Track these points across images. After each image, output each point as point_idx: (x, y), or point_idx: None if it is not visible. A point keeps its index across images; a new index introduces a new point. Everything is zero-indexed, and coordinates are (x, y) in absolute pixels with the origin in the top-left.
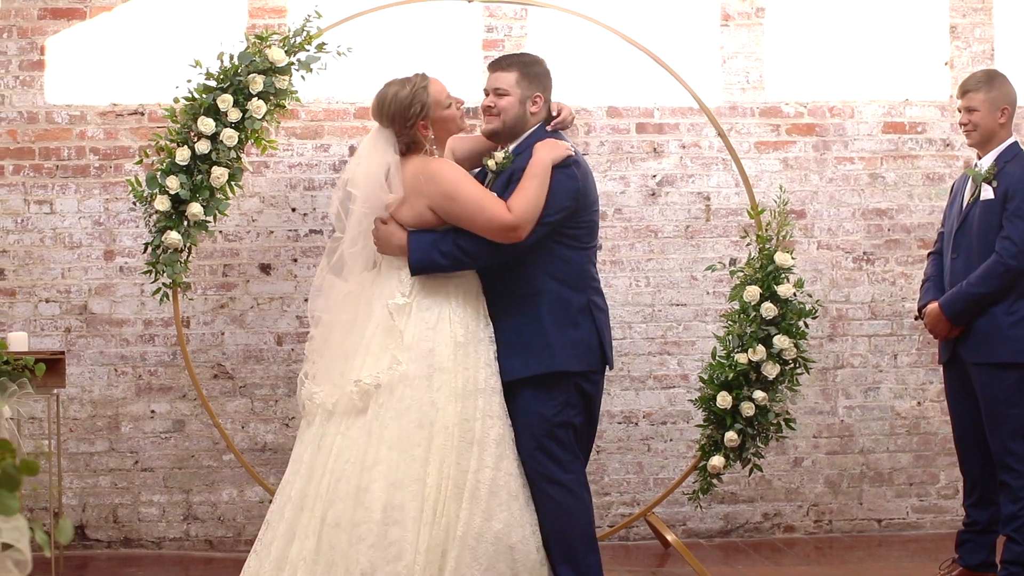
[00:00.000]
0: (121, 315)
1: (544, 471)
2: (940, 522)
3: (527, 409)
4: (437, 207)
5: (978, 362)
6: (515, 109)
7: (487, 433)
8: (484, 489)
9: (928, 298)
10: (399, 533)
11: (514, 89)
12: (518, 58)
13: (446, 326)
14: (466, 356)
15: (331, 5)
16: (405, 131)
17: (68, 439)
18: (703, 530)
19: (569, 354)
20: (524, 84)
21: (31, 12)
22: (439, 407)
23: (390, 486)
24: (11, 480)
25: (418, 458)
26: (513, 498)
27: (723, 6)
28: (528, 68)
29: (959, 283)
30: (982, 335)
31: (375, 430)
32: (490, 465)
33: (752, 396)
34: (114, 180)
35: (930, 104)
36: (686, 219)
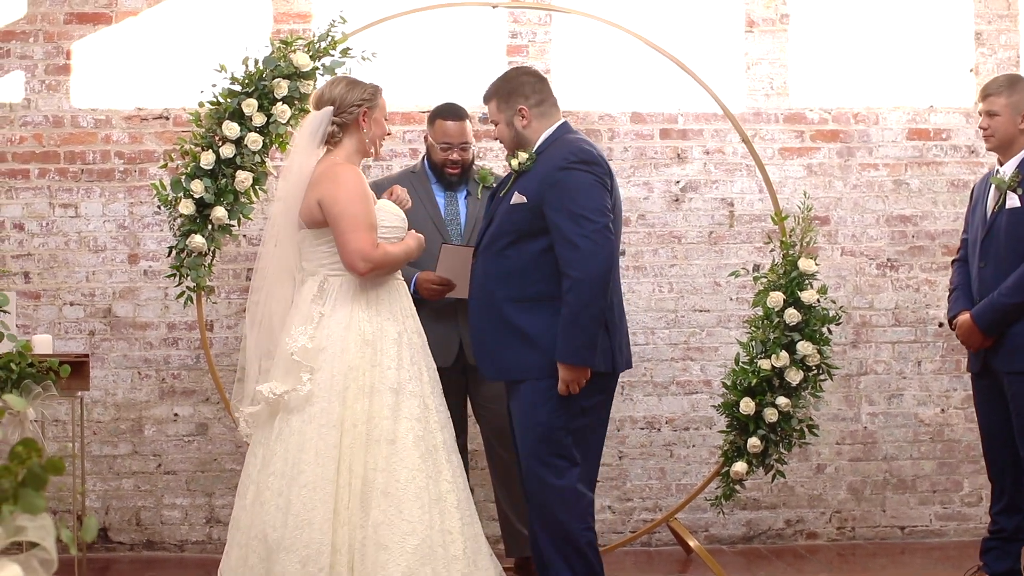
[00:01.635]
0: (145, 318)
1: (538, 474)
2: (963, 530)
3: (523, 410)
4: (324, 204)
5: (1011, 371)
6: (507, 132)
7: (404, 434)
8: (395, 487)
9: (959, 308)
10: (310, 536)
11: (497, 116)
12: (494, 86)
13: (356, 325)
14: (375, 354)
15: (356, 10)
16: (345, 112)
17: (91, 442)
18: (725, 536)
19: None
20: (503, 107)
21: (57, 17)
22: (348, 404)
23: (303, 488)
24: (37, 479)
25: (331, 458)
26: (417, 498)
27: (748, 12)
28: (501, 90)
29: (990, 293)
30: (1014, 344)
31: (289, 437)
32: (408, 466)
33: (775, 402)
34: (139, 184)
35: (955, 111)
36: (710, 225)
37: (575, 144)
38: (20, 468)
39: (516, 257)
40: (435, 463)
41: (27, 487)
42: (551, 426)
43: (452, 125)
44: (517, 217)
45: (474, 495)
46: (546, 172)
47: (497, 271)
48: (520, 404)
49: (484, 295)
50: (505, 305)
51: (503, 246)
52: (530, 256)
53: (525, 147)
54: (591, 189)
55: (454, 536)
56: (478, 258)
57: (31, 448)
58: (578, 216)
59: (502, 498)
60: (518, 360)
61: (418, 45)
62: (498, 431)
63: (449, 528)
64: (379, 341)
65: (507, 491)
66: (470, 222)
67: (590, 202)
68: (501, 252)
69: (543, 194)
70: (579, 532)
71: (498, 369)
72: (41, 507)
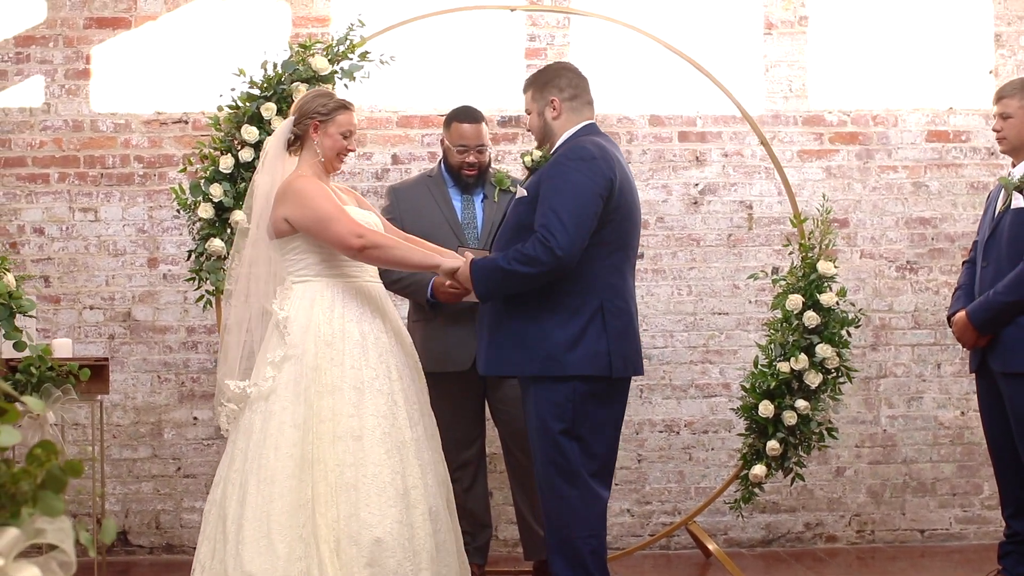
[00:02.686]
0: (164, 322)
1: (548, 478)
2: (983, 533)
3: (532, 411)
4: (292, 219)
5: (1005, 371)
6: (538, 123)
7: (371, 430)
8: (363, 482)
9: (958, 306)
10: (268, 527)
11: (531, 106)
12: (533, 75)
13: (313, 328)
14: (336, 354)
15: (374, 14)
16: (300, 123)
17: (111, 445)
18: (744, 539)
19: (567, 358)
20: (537, 96)
21: (77, 21)
22: (311, 404)
23: (261, 482)
24: (57, 481)
25: (291, 455)
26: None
27: (766, 15)
28: (537, 80)
29: (987, 292)
30: (1009, 344)
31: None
32: (373, 460)
33: (794, 405)
34: (158, 188)
35: (974, 113)
36: (728, 228)
37: (579, 142)
38: (39, 470)
39: None
40: (402, 459)
41: (46, 489)
42: (566, 435)
43: (468, 128)
44: (521, 211)
45: (492, 498)
46: (546, 167)
47: None
48: (525, 403)
49: None
50: (508, 299)
51: (508, 239)
52: None
53: (551, 140)
54: (574, 187)
55: (417, 530)
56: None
57: (50, 450)
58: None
59: (520, 501)
60: (520, 356)
61: (436, 48)
62: (515, 434)
63: (414, 522)
64: (339, 342)
65: (525, 494)
66: (487, 225)
67: (571, 201)
68: (508, 245)
69: (540, 187)
70: (582, 540)
71: (493, 364)
72: (60, 509)
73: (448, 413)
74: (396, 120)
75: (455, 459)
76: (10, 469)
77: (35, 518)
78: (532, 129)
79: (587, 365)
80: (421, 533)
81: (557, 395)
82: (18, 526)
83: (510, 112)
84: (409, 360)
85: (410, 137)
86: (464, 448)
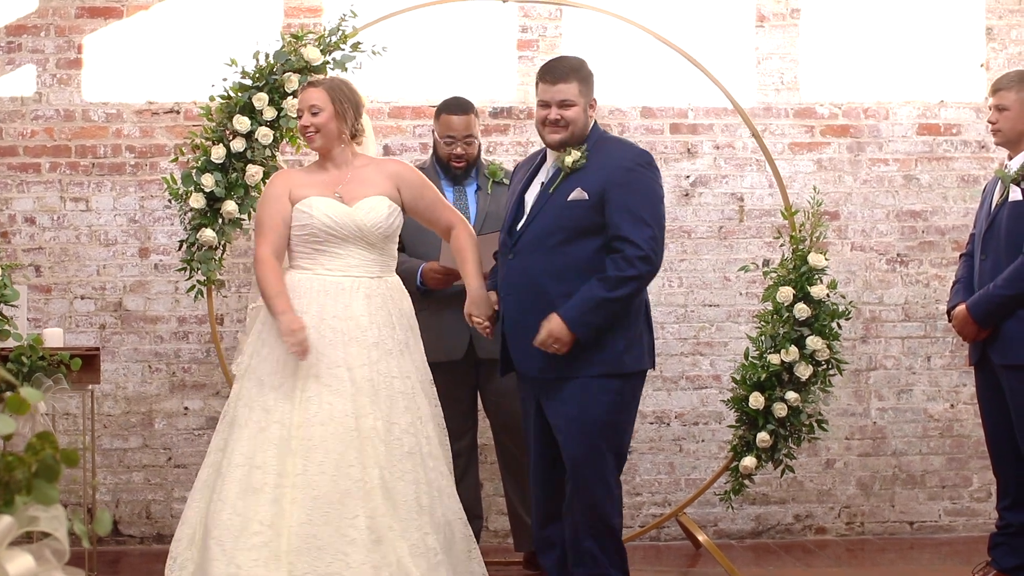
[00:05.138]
0: (155, 312)
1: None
2: (973, 525)
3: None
4: None
5: (1006, 364)
6: (581, 119)
7: (244, 420)
8: (224, 469)
9: (957, 300)
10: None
11: (578, 99)
12: (573, 67)
13: (252, 321)
14: (253, 340)
15: (366, 4)
16: None
17: (102, 435)
18: (734, 531)
19: (630, 355)
20: (584, 91)
21: (68, 11)
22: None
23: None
24: (50, 470)
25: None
26: (226, 478)
27: (758, 7)
28: (583, 76)
29: (987, 285)
30: (1009, 337)
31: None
32: (237, 450)
33: (784, 397)
34: (149, 178)
35: (965, 106)
36: (719, 220)
37: (632, 145)
38: (33, 459)
39: (573, 254)
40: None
41: (40, 478)
42: (608, 421)
43: (456, 119)
44: (577, 214)
45: (483, 489)
46: (611, 170)
47: (551, 267)
48: (572, 400)
49: (533, 292)
50: (559, 301)
51: (557, 242)
52: (586, 254)
53: (579, 141)
54: (653, 194)
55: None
56: (518, 254)
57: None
58: (640, 219)
59: (511, 492)
60: (569, 357)
61: (428, 39)
62: (507, 425)
63: (255, 510)
64: (265, 332)
65: (516, 485)
66: (480, 216)
67: (652, 207)
68: (555, 248)
69: (607, 192)
70: (615, 521)
71: (545, 366)
72: (54, 498)
73: (440, 403)
74: (388, 111)
75: None
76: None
77: (29, 507)
78: (572, 121)
79: (645, 360)
80: (256, 522)
81: (620, 388)
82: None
83: (502, 103)
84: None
85: (402, 128)
86: (456, 439)
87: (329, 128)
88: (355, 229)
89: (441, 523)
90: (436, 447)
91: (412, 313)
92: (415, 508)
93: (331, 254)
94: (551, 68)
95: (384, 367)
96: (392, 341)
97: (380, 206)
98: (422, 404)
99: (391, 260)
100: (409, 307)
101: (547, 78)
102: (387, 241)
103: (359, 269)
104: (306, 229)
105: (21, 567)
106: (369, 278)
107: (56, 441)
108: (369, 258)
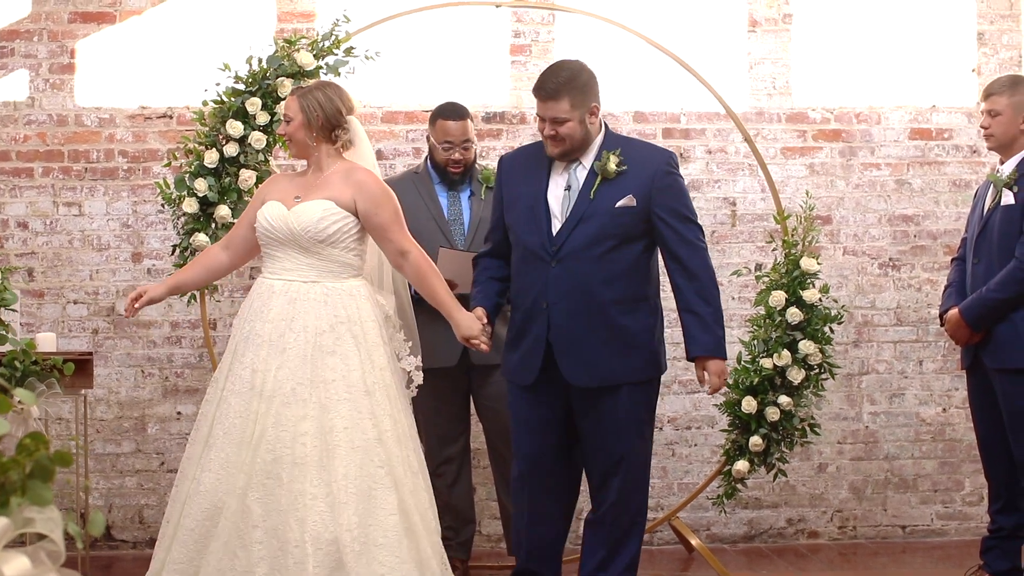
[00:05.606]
0: (148, 317)
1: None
2: (965, 529)
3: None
4: None
5: (998, 368)
6: (578, 131)
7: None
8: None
9: (950, 303)
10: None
11: (571, 114)
12: (563, 81)
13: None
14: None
15: (359, 9)
16: None
17: (95, 440)
18: (727, 535)
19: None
20: (579, 103)
21: (61, 16)
22: None
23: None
24: (45, 471)
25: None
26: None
27: (750, 12)
28: (576, 87)
29: (979, 288)
30: (1002, 341)
31: None
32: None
33: (777, 401)
34: (142, 183)
35: (957, 111)
36: (712, 224)
37: (653, 145)
38: (28, 460)
39: (622, 260)
40: (204, 451)
41: (35, 479)
42: (650, 424)
43: (453, 124)
44: (626, 220)
45: (476, 494)
46: (652, 174)
47: (602, 274)
48: (618, 407)
49: (584, 299)
50: (611, 308)
51: (608, 249)
52: (634, 259)
53: (585, 148)
54: (688, 194)
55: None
56: (563, 261)
57: (39, 441)
58: (689, 219)
59: (504, 497)
60: (623, 364)
61: (422, 44)
62: (501, 430)
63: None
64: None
65: (509, 490)
66: (474, 222)
67: (692, 206)
68: (605, 256)
69: (652, 197)
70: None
71: (596, 375)
72: (49, 499)
73: (433, 409)
74: (381, 116)
75: (439, 455)
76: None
77: (24, 508)
78: (568, 137)
79: (664, 362)
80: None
81: (652, 393)
82: (7, 515)
83: (494, 108)
84: (265, 359)
85: (395, 133)
86: (448, 444)
87: (298, 137)
88: (288, 233)
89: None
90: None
91: (367, 318)
92: (283, 520)
93: (272, 257)
94: (542, 84)
95: (296, 373)
96: (315, 345)
97: (313, 210)
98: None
99: (336, 265)
100: (361, 313)
101: (539, 94)
102: (324, 246)
103: (292, 273)
104: (257, 233)
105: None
106: (302, 282)
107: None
108: (304, 262)
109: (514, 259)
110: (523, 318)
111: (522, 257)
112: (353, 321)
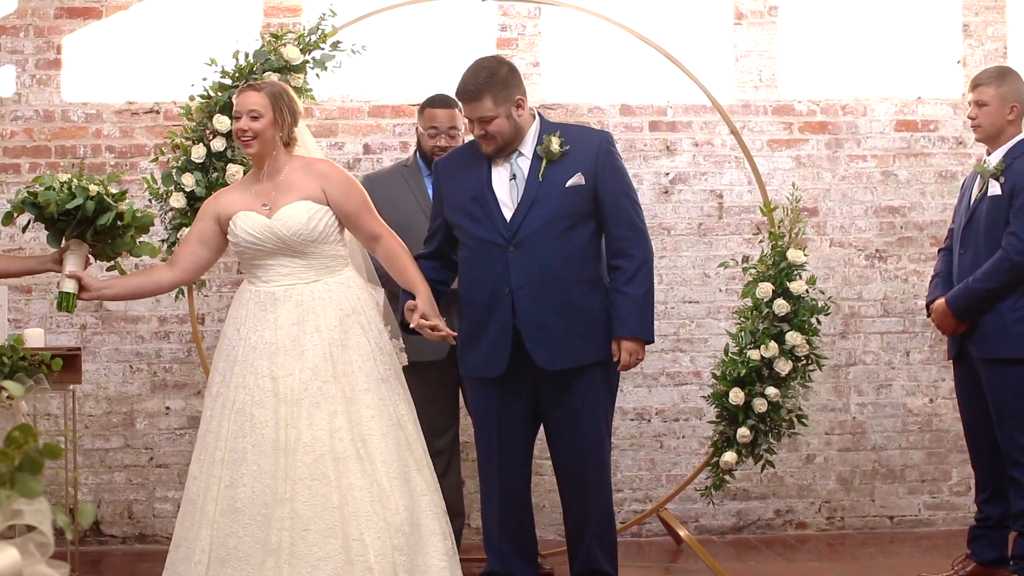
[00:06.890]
0: (136, 312)
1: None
2: (952, 519)
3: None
4: None
5: (984, 358)
6: (507, 126)
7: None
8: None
9: (936, 294)
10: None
11: (495, 111)
12: (484, 81)
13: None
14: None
15: (346, 4)
16: None
17: (83, 435)
18: (715, 526)
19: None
20: (502, 99)
21: (47, 11)
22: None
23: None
24: (34, 463)
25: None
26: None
27: (736, 5)
28: (496, 85)
29: (966, 279)
30: (988, 331)
31: None
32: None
33: (764, 392)
34: (130, 178)
35: (943, 102)
36: (699, 217)
37: (592, 128)
38: (17, 453)
39: (577, 240)
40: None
41: (24, 471)
42: (611, 407)
43: (440, 112)
44: (577, 200)
45: (465, 487)
46: (596, 152)
47: (562, 254)
48: (587, 389)
49: (549, 280)
50: (574, 288)
51: (563, 229)
52: (588, 239)
53: (520, 138)
54: (628, 172)
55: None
56: (521, 245)
57: (27, 433)
58: (632, 199)
59: None
60: (587, 345)
61: (408, 38)
62: None
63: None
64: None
65: None
66: None
67: (633, 185)
68: (561, 235)
69: (599, 175)
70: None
71: (565, 357)
72: (38, 491)
73: (422, 401)
74: (368, 110)
75: (428, 447)
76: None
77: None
78: (498, 134)
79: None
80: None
81: (614, 374)
82: None
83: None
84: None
85: (382, 127)
86: (437, 437)
87: (266, 135)
88: (276, 240)
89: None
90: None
91: (368, 307)
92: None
93: (263, 267)
94: (463, 88)
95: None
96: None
97: (298, 212)
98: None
99: (330, 260)
100: (361, 303)
101: (462, 98)
102: (317, 245)
103: (291, 278)
104: (237, 247)
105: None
106: (303, 284)
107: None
108: (300, 264)
109: (462, 255)
110: (482, 309)
111: (472, 249)
112: (357, 312)
